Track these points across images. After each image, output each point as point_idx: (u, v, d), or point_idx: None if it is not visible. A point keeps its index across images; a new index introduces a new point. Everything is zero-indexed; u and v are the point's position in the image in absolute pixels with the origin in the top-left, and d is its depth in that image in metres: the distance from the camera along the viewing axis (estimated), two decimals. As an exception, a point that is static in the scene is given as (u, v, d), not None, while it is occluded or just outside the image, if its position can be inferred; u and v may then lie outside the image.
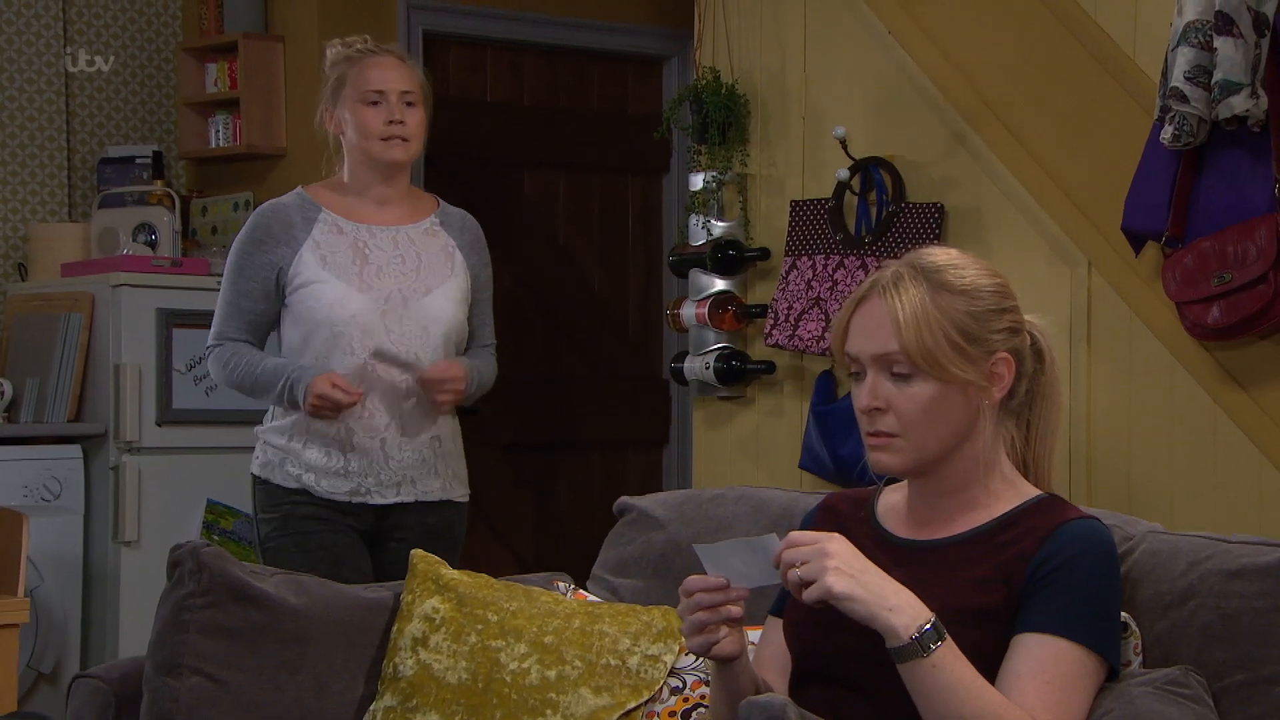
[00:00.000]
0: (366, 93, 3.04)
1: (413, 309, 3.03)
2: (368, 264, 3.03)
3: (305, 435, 3.02)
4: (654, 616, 2.22)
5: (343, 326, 2.98)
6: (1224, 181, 3.10)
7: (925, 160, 3.67)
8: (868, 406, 1.81)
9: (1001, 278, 1.86)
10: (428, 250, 3.10)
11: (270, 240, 3.03)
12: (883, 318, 1.80)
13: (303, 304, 3.00)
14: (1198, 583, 1.88)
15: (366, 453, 3.02)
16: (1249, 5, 2.99)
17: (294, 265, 3.01)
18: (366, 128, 3.04)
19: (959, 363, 1.79)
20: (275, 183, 4.98)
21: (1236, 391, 3.16)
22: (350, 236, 3.05)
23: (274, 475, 3.06)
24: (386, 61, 3.08)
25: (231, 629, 2.17)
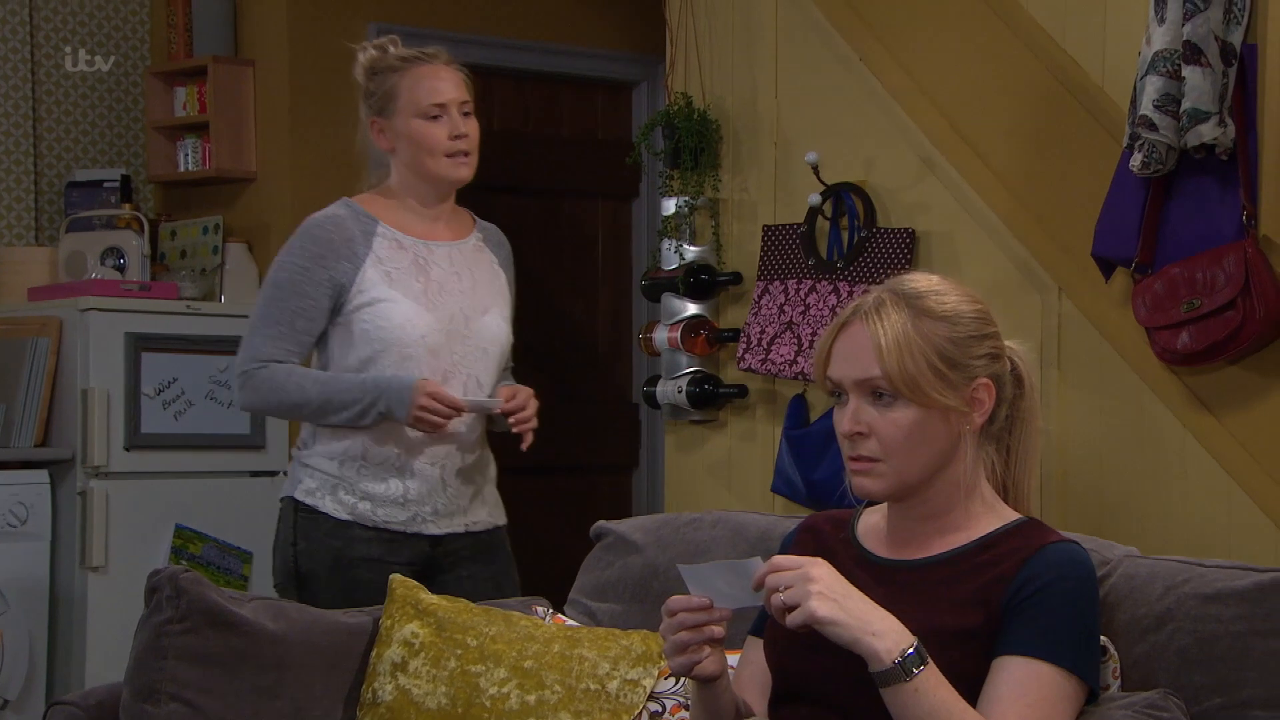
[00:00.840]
0: (427, 107, 2.84)
1: (474, 329, 2.88)
2: (430, 281, 2.85)
3: (360, 461, 2.82)
4: (633, 641, 2.23)
5: (412, 348, 2.79)
6: (1193, 209, 3.13)
7: (897, 186, 3.70)
8: (850, 431, 1.83)
9: (982, 304, 1.88)
10: (478, 268, 2.94)
11: (330, 254, 2.80)
12: (865, 343, 1.82)
13: (368, 323, 2.79)
14: (1175, 607, 1.90)
15: (426, 480, 2.84)
16: (1216, 35, 3.03)
17: (357, 281, 2.79)
18: (430, 144, 2.84)
19: (940, 388, 1.81)
20: (245, 207, 4.97)
21: (1205, 416, 3.19)
22: (411, 252, 2.86)
23: (322, 503, 2.83)
24: (441, 71, 2.89)
25: (210, 655, 2.16)
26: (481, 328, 2.88)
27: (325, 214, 2.89)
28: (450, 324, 2.84)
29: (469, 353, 2.86)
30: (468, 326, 2.86)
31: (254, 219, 4.95)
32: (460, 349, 2.84)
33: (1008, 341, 1.91)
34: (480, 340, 2.87)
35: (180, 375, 4.59)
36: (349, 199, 2.92)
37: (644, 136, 4.10)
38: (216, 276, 4.87)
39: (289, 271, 2.81)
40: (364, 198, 2.92)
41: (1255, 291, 3.00)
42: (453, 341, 2.84)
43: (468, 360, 2.85)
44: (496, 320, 2.91)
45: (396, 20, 5.03)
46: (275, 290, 2.82)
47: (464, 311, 2.86)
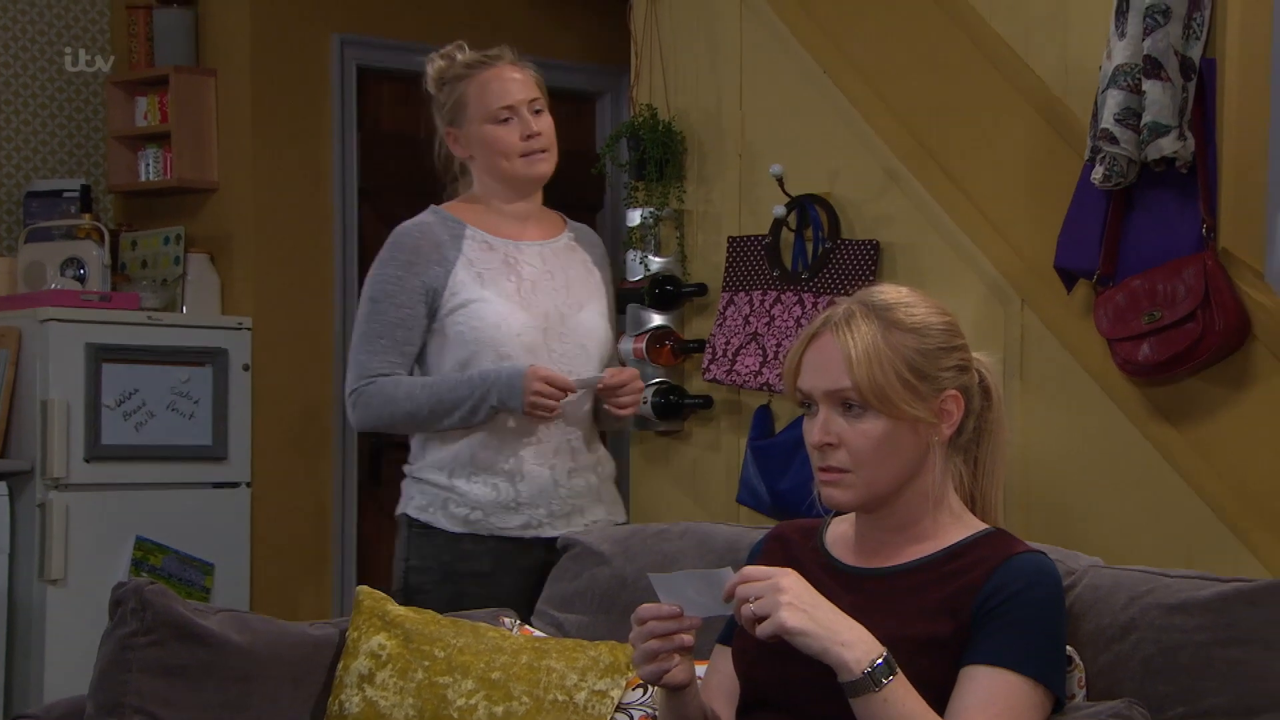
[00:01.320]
0: (496, 110, 2.83)
1: (571, 326, 2.84)
2: (523, 280, 2.82)
3: (469, 469, 2.77)
4: (601, 651, 2.23)
5: (508, 346, 2.76)
6: (1153, 221, 3.16)
7: (861, 198, 3.72)
8: (820, 442, 1.84)
9: (950, 316, 1.89)
10: (571, 266, 2.91)
11: (420, 260, 2.78)
12: (835, 354, 1.83)
13: (463, 324, 2.77)
14: (1139, 617, 1.92)
15: (537, 481, 2.78)
16: (1176, 50, 3.06)
17: (450, 284, 2.77)
18: (504, 148, 2.83)
19: (909, 399, 1.82)
20: (207, 217, 4.95)
21: (1166, 427, 3.22)
22: (500, 253, 2.84)
23: (435, 518, 2.78)
24: (506, 72, 2.88)
25: (175, 668, 2.14)
26: (578, 324, 2.85)
27: (412, 222, 2.87)
28: (545, 321, 2.81)
29: (568, 350, 2.82)
30: (564, 324, 2.83)
31: (216, 229, 4.93)
32: (559, 346, 2.81)
33: (975, 354, 1.92)
34: (578, 336, 2.84)
35: (141, 386, 4.56)
36: (436, 206, 2.90)
37: (609, 148, 4.10)
38: (178, 287, 4.84)
39: (383, 284, 2.79)
40: (450, 205, 2.91)
41: (1215, 303, 3.03)
42: (550, 339, 2.81)
43: (567, 357, 2.81)
44: (593, 316, 2.88)
45: (361, 31, 5.03)
46: (372, 305, 2.80)
47: (559, 309, 2.83)
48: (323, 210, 4.98)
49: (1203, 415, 3.16)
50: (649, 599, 1.80)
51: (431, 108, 2.95)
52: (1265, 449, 3.08)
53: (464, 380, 2.74)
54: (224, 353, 4.71)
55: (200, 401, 4.66)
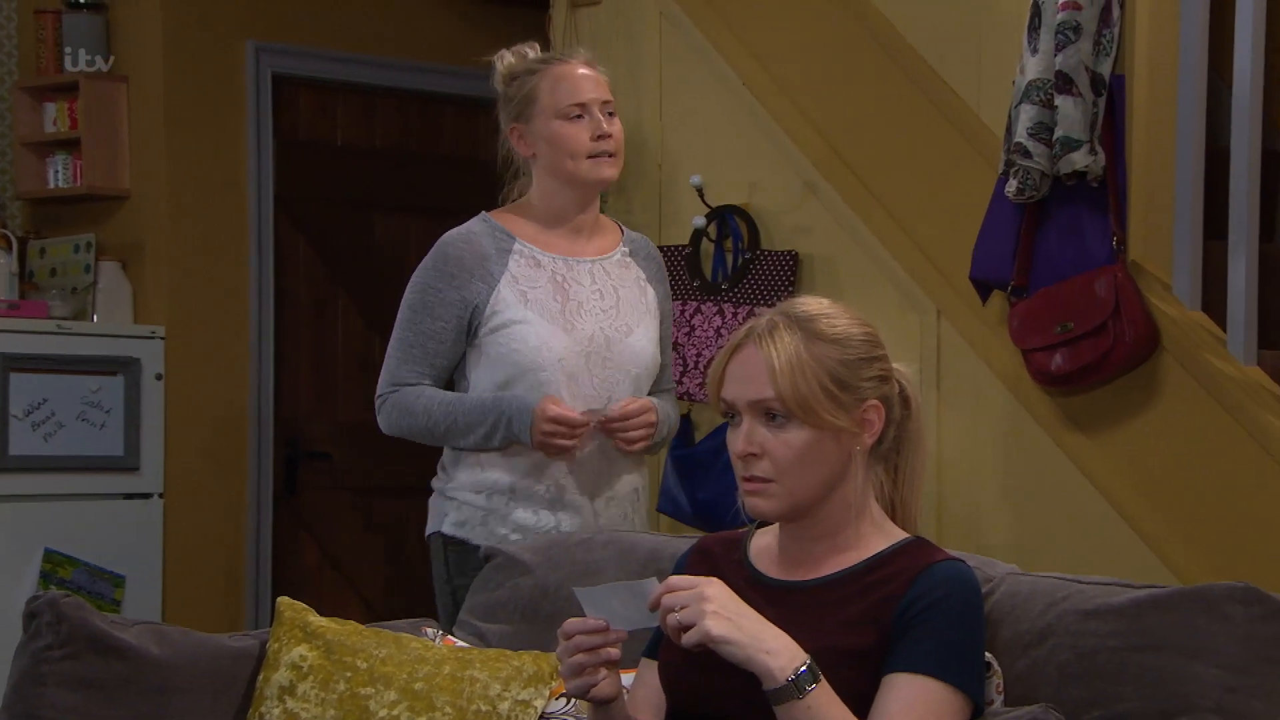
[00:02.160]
0: (568, 107, 2.70)
1: (617, 351, 2.71)
2: (569, 300, 2.69)
3: (509, 494, 2.69)
4: (524, 661, 2.22)
5: (548, 372, 2.65)
6: (1065, 234, 3.22)
7: (780, 209, 3.75)
8: (743, 452, 1.85)
9: (871, 327, 1.91)
10: (624, 285, 2.77)
11: (463, 274, 2.67)
12: (758, 365, 1.84)
13: (503, 346, 2.66)
14: (1055, 623, 1.95)
15: (577, 510, 2.70)
16: (1086, 65, 3.12)
17: (491, 302, 2.66)
18: (572, 145, 2.69)
19: (832, 409, 1.84)
20: (118, 224, 4.88)
21: (1078, 436, 3.28)
22: (549, 270, 2.71)
23: (473, 535, 2.70)
24: (580, 70, 2.75)
25: (91, 681, 2.12)
26: (624, 349, 2.72)
27: (460, 231, 2.75)
28: (590, 346, 2.69)
29: (610, 376, 2.70)
30: (609, 349, 2.70)
31: (128, 237, 4.86)
32: (601, 372, 2.70)
33: (895, 364, 1.94)
34: (623, 362, 2.71)
35: (51, 396, 4.49)
36: (487, 214, 2.78)
37: (529, 158, 4.10)
38: (89, 295, 4.77)
39: (421, 292, 2.70)
40: (502, 212, 2.79)
41: (1125, 315, 3.10)
42: (592, 365, 2.69)
43: (609, 384, 2.70)
44: (641, 340, 2.74)
45: (276, 38, 4.99)
46: (409, 312, 2.72)
47: (605, 333, 2.71)
48: (238, 218, 4.93)
49: (1114, 424, 3.22)
50: (572, 608, 1.80)
51: (497, 105, 2.83)
52: (1174, 457, 3.14)
53: (479, 405, 2.65)
54: (136, 362, 4.64)
55: (112, 411, 4.59)
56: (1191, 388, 3.10)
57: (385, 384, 2.73)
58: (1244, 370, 3.07)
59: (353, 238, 5.19)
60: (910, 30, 3.56)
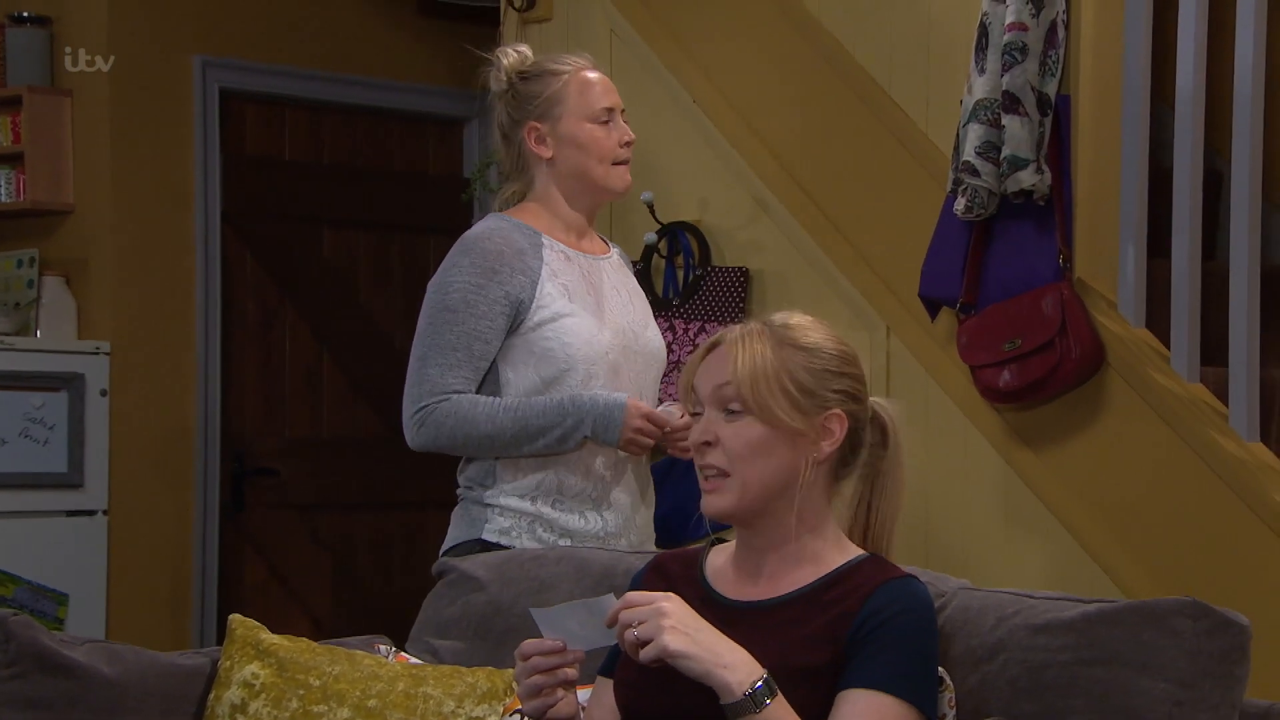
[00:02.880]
0: (598, 111, 2.68)
1: (642, 344, 2.72)
2: (600, 295, 2.68)
3: (555, 495, 2.63)
4: (478, 678, 2.22)
5: (597, 365, 2.61)
6: (1013, 251, 3.25)
7: (731, 226, 3.77)
8: (699, 440, 1.88)
9: (849, 348, 1.94)
10: (629, 282, 2.80)
11: (505, 269, 2.59)
12: (725, 359, 1.88)
13: (552, 340, 2.59)
14: (1006, 637, 1.96)
15: (621, 511, 2.67)
16: (1033, 85, 3.16)
17: (537, 296, 2.60)
18: (600, 151, 2.68)
19: (787, 409, 1.86)
20: (62, 239, 4.84)
21: (1026, 452, 3.31)
22: (578, 265, 2.69)
23: (518, 541, 2.63)
24: (603, 78, 2.74)
25: (40, 700, 2.09)
26: (647, 342, 2.73)
27: (485, 227, 2.66)
28: (624, 339, 2.68)
29: (638, 368, 2.70)
30: (637, 341, 2.71)
31: (72, 252, 4.82)
32: (634, 365, 2.69)
33: (877, 399, 1.97)
34: (648, 356, 2.73)
35: (-8, 412, 4.45)
36: (500, 213, 2.72)
37: (480, 173, 4.11)
38: (32, 311, 4.72)
39: (461, 292, 2.58)
40: (515, 211, 2.72)
41: (1071, 332, 3.13)
42: (629, 358, 2.68)
43: (640, 376, 2.70)
44: (655, 337, 2.77)
45: (222, 53, 4.97)
46: (448, 314, 2.58)
47: (631, 326, 2.71)
48: (184, 233, 4.90)
49: (1060, 440, 3.25)
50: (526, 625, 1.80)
51: (500, 101, 2.74)
52: (1119, 472, 3.18)
53: (554, 406, 2.57)
54: (80, 378, 4.60)
55: (55, 428, 4.55)
56: (1136, 404, 3.14)
57: (428, 394, 2.60)
58: (1187, 387, 3.11)
59: (300, 253, 5.17)
60: (859, 50, 3.59)
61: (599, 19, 4.00)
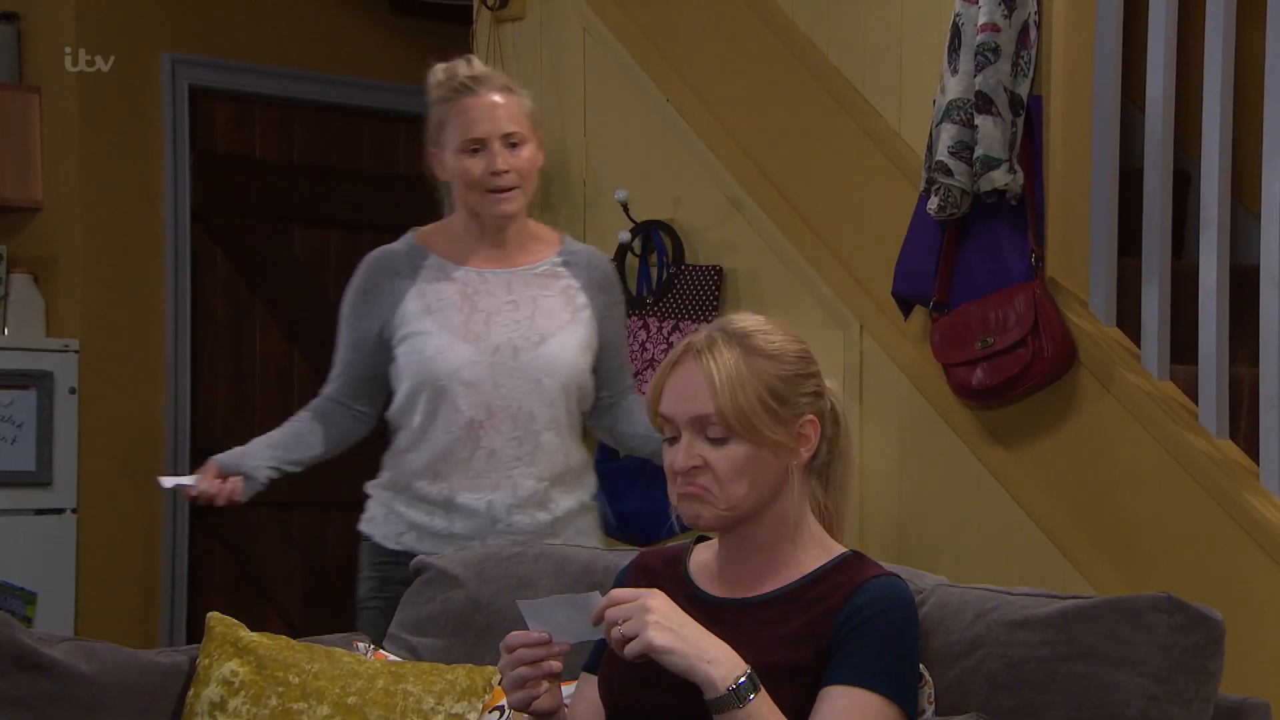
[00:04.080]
0: (465, 141, 2.76)
1: (524, 361, 2.76)
2: (476, 311, 2.77)
3: (406, 493, 2.79)
4: (458, 675, 2.22)
5: (446, 381, 2.73)
6: (986, 250, 3.27)
7: (704, 224, 3.78)
8: (685, 467, 1.86)
9: (804, 344, 1.94)
10: (546, 294, 2.83)
11: (375, 290, 2.80)
12: (698, 380, 1.86)
13: (404, 358, 2.77)
14: (985, 633, 1.98)
15: (473, 517, 2.75)
16: (1005, 86, 3.18)
17: (398, 315, 2.78)
18: (468, 180, 2.77)
19: (770, 424, 1.86)
20: (31, 236, 4.81)
21: (998, 450, 3.33)
22: (459, 283, 2.80)
23: (376, 532, 2.83)
24: (485, 102, 2.77)
25: (17, 699, 2.09)
26: (535, 358, 2.76)
27: (382, 248, 2.87)
28: (494, 356, 2.75)
29: (518, 385, 2.75)
30: (516, 358, 2.76)
31: (40, 250, 4.79)
32: (508, 382, 2.75)
33: (826, 381, 1.97)
34: (532, 372, 2.76)
35: (-39, 410, 4.42)
36: (414, 230, 2.88)
37: (453, 172, 4.10)
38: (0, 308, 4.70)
39: (345, 307, 2.86)
40: (426, 229, 2.88)
41: (1044, 330, 3.16)
42: (497, 374, 2.75)
43: (517, 394, 2.75)
44: (556, 348, 2.79)
45: (192, 50, 4.95)
46: (340, 324, 2.87)
47: (513, 342, 2.76)
48: (154, 231, 4.88)
49: (1033, 438, 3.27)
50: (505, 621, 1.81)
51: None
52: (1091, 470, 3.21)
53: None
54: (49, 375, 4.58)
55: (24, 426, 4.52)
56: (1107, 402, 3.16)
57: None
58: (1157, 385, 3.14)
59: (271, 251, 5.15)
60: (833, 50, 3.61)
61: (572, 18, 4.00)
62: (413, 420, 2.77)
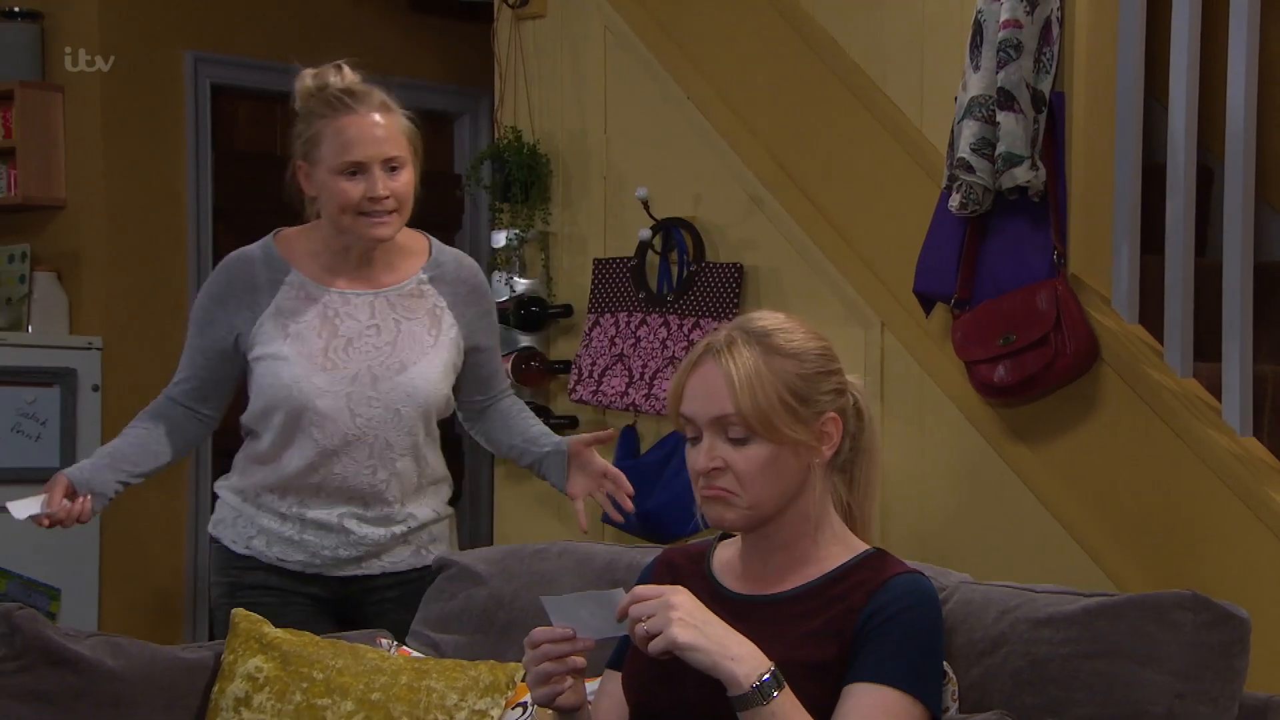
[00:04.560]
0: (344, 163, 2.58)
1: (383, 390, 2.64)
2: (336, 336, 2.65)
3: (255, 501, 2.70)
4: (481, 671, 2.23)
5: (300, 409, 2.62)
6: (1008, 247, 3.27)
7: (725, 222, 3.78)
8: (706, 468, 1.86)
9: (826, 341, 1.94)
10: (410, 316, 2.70)
11: (232, 299, 2.66)
12: (718, 381, 1.86)
13: (260, 379, 2.66)
14: (1008, 631, 1.98)
15: (324, 527, 2.67)
16: (1028, 82, 3.17)
17: (253, 333, 2.65)
18: (344, 202, 2.59)
19: (791, 424, 1.86)
20: (54, 235, 4.84)
21: (1020, 447, 3.32)
22: (320, 304, 2.66)
23: (224, 534, 2.72)
24: (365, 121, 2.60)
25: (45, 693, 2.10)
26: (394, 387, 2.65)
27: (241, 253, 2.72)
28: (352, 385, 2.64)
29: (375, 414, 2.64)
30: (375, 387, 2.64)
31: (64, 247, 4.82)
32: (366, 412, 2.64)
33: (849, 376, 1.97)
34: (392, 400, 2.65)
35: (-15, 407, 4.45)
36: (273, 238, 2.73)
37: (475, 169, 4.11)
38: (24, 306, 4.72)
39: (197, 308, 2.72)
40: (289, 235, 2.73)
41: (1066, 327, 3.15)
42: (355, 404, 2.64)
43: (375, 422, 2.65)
44: (416, 378, 2.67)
45: (214, 48, 4.96)
46: (190, 324, 2.74)
47: (373, 370, 2.65)
48: (176, 229, 4.90)
49: (1055, 435, 3.27)
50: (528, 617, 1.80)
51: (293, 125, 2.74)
52: (1113, 467, 3.20)
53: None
54: (72, 373, 4.60)
55: (47, 423, 4.54)
56: (1130, 399, 3.15)
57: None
58: (1180, 382, 3.13)
59: (292, 249, 5.16)
60: (854, 46, 3.61)
61: (593, 15, 4.00)
62: (266, 436, 2.68)
